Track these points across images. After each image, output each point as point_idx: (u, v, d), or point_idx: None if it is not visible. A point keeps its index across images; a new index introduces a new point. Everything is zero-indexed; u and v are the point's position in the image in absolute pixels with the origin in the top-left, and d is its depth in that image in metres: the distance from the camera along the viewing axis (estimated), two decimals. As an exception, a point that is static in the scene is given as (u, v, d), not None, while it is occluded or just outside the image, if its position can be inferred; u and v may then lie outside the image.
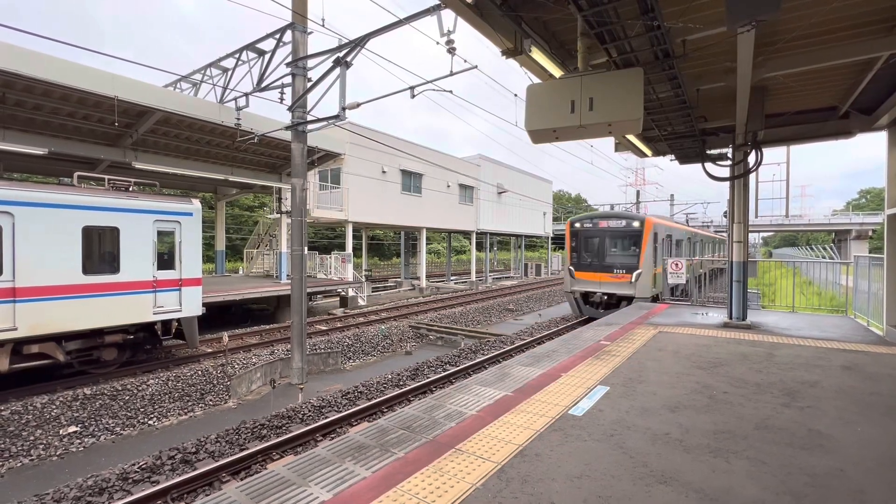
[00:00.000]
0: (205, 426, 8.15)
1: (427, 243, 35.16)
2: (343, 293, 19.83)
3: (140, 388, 8.98)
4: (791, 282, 11.97)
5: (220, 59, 12.33)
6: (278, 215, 19.08)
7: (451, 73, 8.06)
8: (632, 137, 9.48)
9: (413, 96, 8.66)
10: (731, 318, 9.26)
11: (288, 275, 15.24)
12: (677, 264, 12.65)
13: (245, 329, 14.37)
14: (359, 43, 8.49)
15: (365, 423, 7.61)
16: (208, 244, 23.23)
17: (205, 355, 11.36)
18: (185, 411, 8.87)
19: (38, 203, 8.20)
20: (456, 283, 30.95)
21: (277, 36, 10.18)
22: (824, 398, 4.79)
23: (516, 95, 12.63)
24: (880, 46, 5.61)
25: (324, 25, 8.57)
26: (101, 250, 9.20)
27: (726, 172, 9.21)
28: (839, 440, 3.77)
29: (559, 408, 4.44)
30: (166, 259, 10.23)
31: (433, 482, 3.04)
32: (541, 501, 2.83)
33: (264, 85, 10.74)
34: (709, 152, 9.58)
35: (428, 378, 9.92)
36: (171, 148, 13.79)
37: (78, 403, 8.19)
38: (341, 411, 8.15)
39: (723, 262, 23.33)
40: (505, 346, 12.73)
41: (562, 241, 40.71)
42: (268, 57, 10.73)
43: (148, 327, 10.18)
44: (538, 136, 5.26)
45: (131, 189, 10.06)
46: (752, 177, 9.27)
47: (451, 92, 8.96)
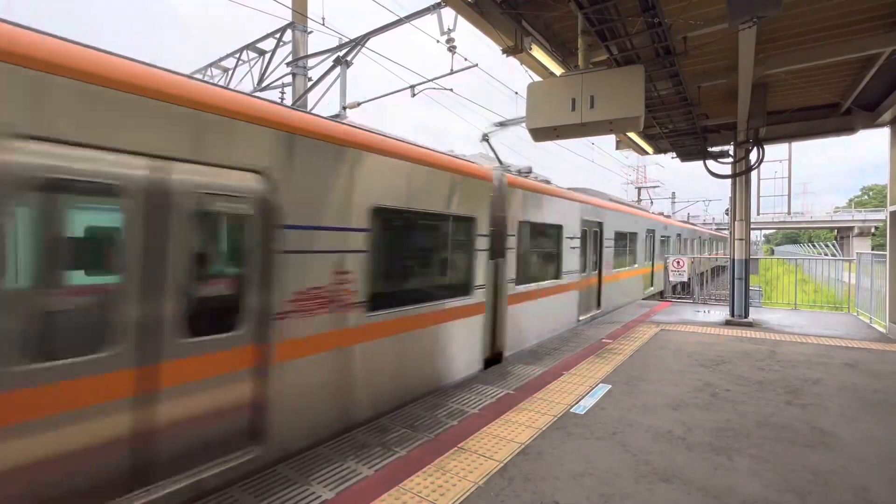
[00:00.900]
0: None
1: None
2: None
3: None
4: (793, 279, 11.97)
5: (221, 59, 12.33)
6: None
7: (452, 72, 8.06)
8: (633, 135, 9.47)
9: (413, 95, 8.66)
10: (732, 315, 9.24)
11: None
12: (679, 262, 12.65)
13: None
14: (359, 42, 8.48)
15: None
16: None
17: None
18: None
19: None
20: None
21: (278, 35, 10.17)
22: (827, 395, 4.79)
23: (517, 93, 12.60)
24: (883, 42, 5.58)
25: (324, 24, 8.56)
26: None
27: (728, 170, 9.19)
28: (842, 437, 3.76)
29: (561, 406, 4.44)
30: None
31: (435, 480, 3.04)
32: (543, 499, 2.83)
33: (265, 84, 10.73)
34: (710, 149, 9.56)
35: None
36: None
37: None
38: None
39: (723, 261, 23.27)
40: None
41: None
42: (268, 56, 10.72)
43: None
44: (539, 134, 5.25)
45: None
46: (753, 174, 9.26)
47: (451, 90, 8.95)
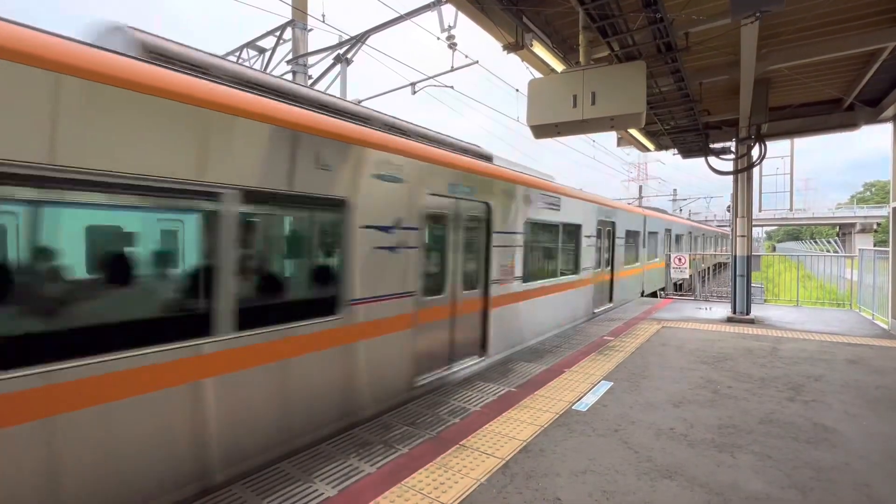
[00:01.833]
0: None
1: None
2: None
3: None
4: (794, 276, 11.95)
5: (221, 58, 12.29)
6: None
7: (452, 69, 8.04)
8: (634, 132, 9.44)
9: (414, 92, 8.64)
10: (734, 312, 9.23)
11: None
12: (680, 259, 12.63)
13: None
14: (359, 39, 8.47)
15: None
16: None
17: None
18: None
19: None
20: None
21: (278, 33, 10.15)
22: (829, 392, 4.78)
23: (517, 90, 12.57)
24: (886, 37, 5.55)
25: (324, 21, 8.54)
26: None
27: (730, 166, 9.15)
28: (845, 434, 3.76)
29: (563, 403, 4.44)
30: None
31: (438, 478, 3.04)
32: (545, 497, 2.83)
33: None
34: (712, 146, 9.52)
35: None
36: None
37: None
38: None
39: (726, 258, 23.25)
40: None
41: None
42: (268, 55, 10.70)
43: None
44: (540, 131, 5.24)
45: None
46: (755, 170, 9.22)
47: (452, 87, 8.93)
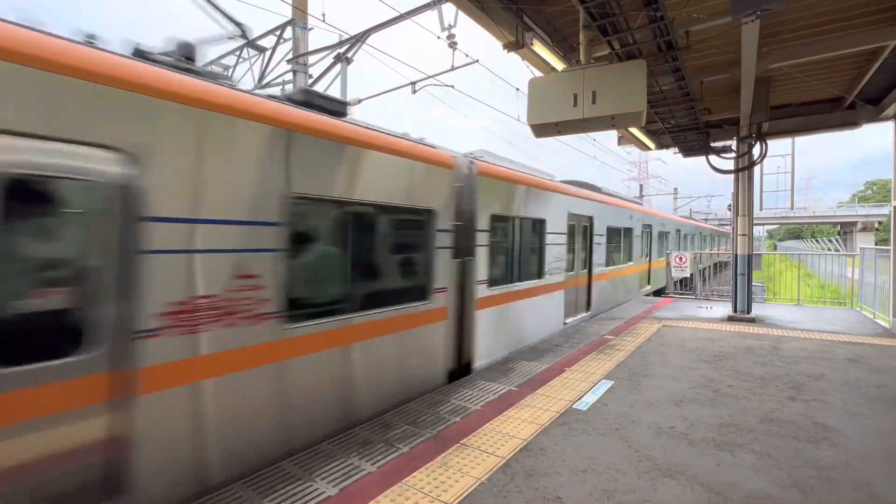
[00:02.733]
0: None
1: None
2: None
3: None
4: (795, 274, 11.94)
5: (222, 57, 12.31)
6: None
7: (453, 68, 8.03)
8: (635, 131, 9.43)
9: (414, 91, 8.63)
10: (735, 311, 9.22)
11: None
12: (681, 258, 12.62)
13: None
14: (359, 38, 8.46)
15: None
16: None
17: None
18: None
19: None
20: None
21: (278, 33, 10.15)
22: (830, 391, 4.77)
23: (518, 89, 12.56)
24: (887, 35, 5.53)
25: (324, 21, 8.54)
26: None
27: (730, 165, 9.14)
28: (845, 433, 3.76)
29: (564, 402, 4.44)
30: None
31: (438, 477, 3.05)
32: (546, 495, 2.83)
33: (265, 82, 10.72)
34: (713, 145, 9.51)
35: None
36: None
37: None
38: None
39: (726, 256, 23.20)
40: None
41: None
42: (268, 54, 10.70)
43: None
44: (540, 130, 5.23)
45: None
46: (756, 169, 9.21)
47: (452, 87, 8.91)
